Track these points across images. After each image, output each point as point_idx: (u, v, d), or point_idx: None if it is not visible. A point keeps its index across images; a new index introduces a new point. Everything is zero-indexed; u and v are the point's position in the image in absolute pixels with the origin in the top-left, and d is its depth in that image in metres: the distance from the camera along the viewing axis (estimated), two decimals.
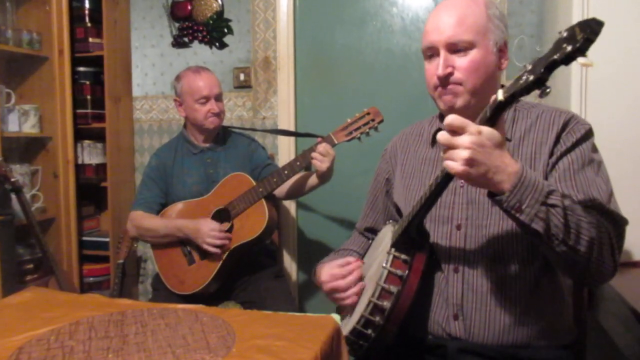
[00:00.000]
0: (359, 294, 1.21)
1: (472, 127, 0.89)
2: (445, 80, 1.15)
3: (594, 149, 1.12)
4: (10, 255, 2.30)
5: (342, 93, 2.62)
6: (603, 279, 1.04)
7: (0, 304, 1.25)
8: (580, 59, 0.78)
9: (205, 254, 2.01)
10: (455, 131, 0.90)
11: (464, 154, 0.88)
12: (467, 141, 0.89)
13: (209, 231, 1.94)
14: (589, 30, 0.76)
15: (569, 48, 0.77)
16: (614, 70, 1.60)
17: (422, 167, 1.29)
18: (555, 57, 0.79)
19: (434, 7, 1.22)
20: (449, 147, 0.91)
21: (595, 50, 1.60)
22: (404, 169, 1.34)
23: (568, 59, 0.79)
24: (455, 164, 0.90)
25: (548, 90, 0.83)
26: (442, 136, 0.92)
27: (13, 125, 2.46)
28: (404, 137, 1.41)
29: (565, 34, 0.79)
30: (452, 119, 0.90)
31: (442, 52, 1.15)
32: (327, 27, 2.63)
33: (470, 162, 0.89)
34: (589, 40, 0.76)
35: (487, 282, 1.13)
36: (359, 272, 1.24)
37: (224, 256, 1.96)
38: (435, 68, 1.15)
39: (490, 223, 1.14)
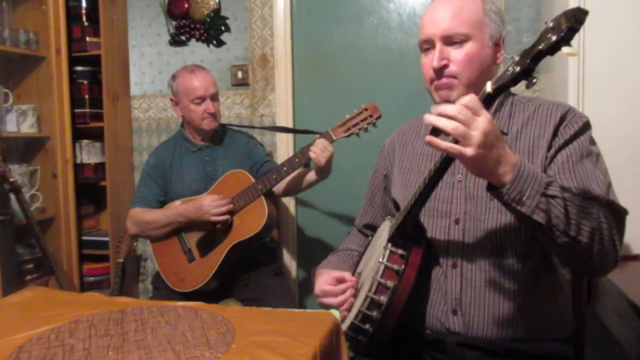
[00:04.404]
0: (349, 310, 1.22)
1: (487, 114, 0.88)
2: (440, 73, 1.15)
3: (592, 141, 1.12)
4: (10, 255, 2.30)
5: (340, 90, 2.62)
6: (606, 270, 1.04)
7: (1, 303, 1.26)
8: (564, 49, 0.78)
9: (205, 251, 2.01)
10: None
11: (480, 138, 0.86)
12: (483, 126, 0.86)
13: (211, 203, 1.95)
14: (574, 19, 0.76)
15: (554, 38, 0.78)
16: (611, 64, 1.60)
17: (419, 163, 1.29)
18: (541, 47, 0.80)
19: (430, 2, 1.23)
20: (466, 124, 0.86)
21: (592, 44, 1.61)
22: (401, 164, 1.34)
23: (553, 49, 0.79)
24: (469, 149, 0.87)
25: (535, 80, 0.83)
26: (458, 110, 0.86)
27: (11, 126, 2.46)
28: (401, 133, 1.41)
29: (550, 24, 0.80)
30: (469, 98, 0.88)
31: (438, 45, 1.15)
32: (324, 24, 2.62)
33: (484, 146, 0.87)
34: (573, 29, 0.77)
35: (486, 276, 1.14)
36: (352, 291, 1.24)
37: (224, 253, 1.97)
38: (431, 61, 1.16)
39: (488, 217, 1.14)
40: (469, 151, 0.87)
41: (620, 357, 1.33)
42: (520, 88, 0.97)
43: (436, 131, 0.90)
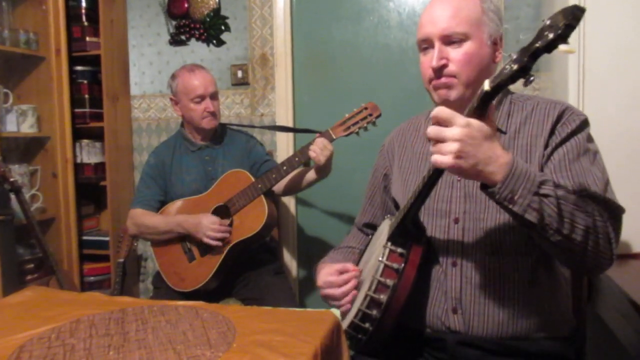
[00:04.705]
0: (352, 302, 1.22)
1: (461, 119, 0.89)
2: (439, 73, 1.15)
3: (589, 139, 1.12)
4: (10, 256, 2.30)
5: (340, 88, 2.62)
6: (601, 268, 1.04)
7: (1, 304, 1.25)
8: (562, 46, 0.79)
9: (205, 251, 2.01)
10: (442, 124, 0.90)
11: (452, 146, 0.88)
12: (456, 133, 0.88)
13: (209, 224, 1.95)
14: (571, 16, 0.77)
15: (551, 35, 0.78)
16: (611, 62, 1.60)
17: (419, 162, 1.29)
18: (538, 44, 0.80)
19: (429, 1, 1.22)
20: (438, 141, 0.90)
21: (592, 42, 1.61)
22: (401, 164, 1.34)
23: (550, 46, 0.80)
24: (444, 158, 0.89)
25: (532, 78, 0.84)
26: (431, 130, 0.91)
27: (11, 126, 2.46)
28: (401, 132, 1.41)
29: (548, 22, 0.81)
30: (438, 110, 0.90)
31: (437, 44, 1.15)
32: (323, 23, 2.62)
33: (459, 154, 0.88)
34: (570, 27, 0.77)
35: (485, 275, 1.14)
36: (355, 282, 1.23)
37: (224, 253, 1.97)
38: (430, 60, 1.16)
39: (487, 216, 1.14)
40: (445, 160, 0.89)
41: (621, 355, 1.33)
42: (519, 86, 0.97)
43: None
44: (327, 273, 1.26)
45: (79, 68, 2.73)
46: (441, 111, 0.90)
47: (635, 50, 1.58)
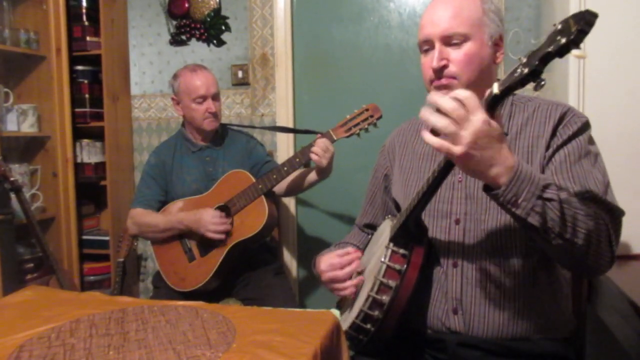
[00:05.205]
0: (357, 286, 1.22)
1: (483, 113, 0.88)
2: (440, 73, 1.15)
3: (591, 141, 1.12)
4: (10, 255, 2.30)
5: (341, 89, 2.62)
6: (601, 271, 1.04)
7: (1, 303, 1.25)
8: (574, 51, 0.78)
9: (206, 251, 2.01)
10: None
11: (467, 138, 0.86)
12: (475, 125, 0.86)
13: (210, 219, 1.95)
14: (583, 22, 0.76)
15: (563, 40, 0.78)
16: (611, 63, 1.60)
17: (420, 163, 1.29)
18: (550, 49, 0.79)
19: (430, 1, 1.22)
20: (457, 123, 0.86)
21: (592, 43, 1.61)
22: (402, 164, 1.34)
23: (562, 51, 0.79)
24: (457, 148, 0.87)
25: (543, 82, 0.83)
26: (448, 105, 0.87)
27: (12, 125, 2.46)
28: (401, 132, 1.41)
29: (559, 26, 0.80)
30: (469, 95, 0.87)
31: (437, 45, 1.15)
32: (324, 23, 2.63)
33: (473, 147, 0.87)
34: (582, 32, 0.76)
35: (486, 276, 1.14)
36: (358, 263, 1.25)
37: (224, 253, 1.97)
38: (431, 61, 1.16)
39: (488, 218, 1.14)
40: (457, 150, 0.87)
41: (621, 356, 1.33)
42: (526, 89, 0.96)
43: None
44: (329, 257, 1.27)
45: (79, 67, 2.73)
46: (470, 97, 0.87)
47: (635, 50, 1.58)
